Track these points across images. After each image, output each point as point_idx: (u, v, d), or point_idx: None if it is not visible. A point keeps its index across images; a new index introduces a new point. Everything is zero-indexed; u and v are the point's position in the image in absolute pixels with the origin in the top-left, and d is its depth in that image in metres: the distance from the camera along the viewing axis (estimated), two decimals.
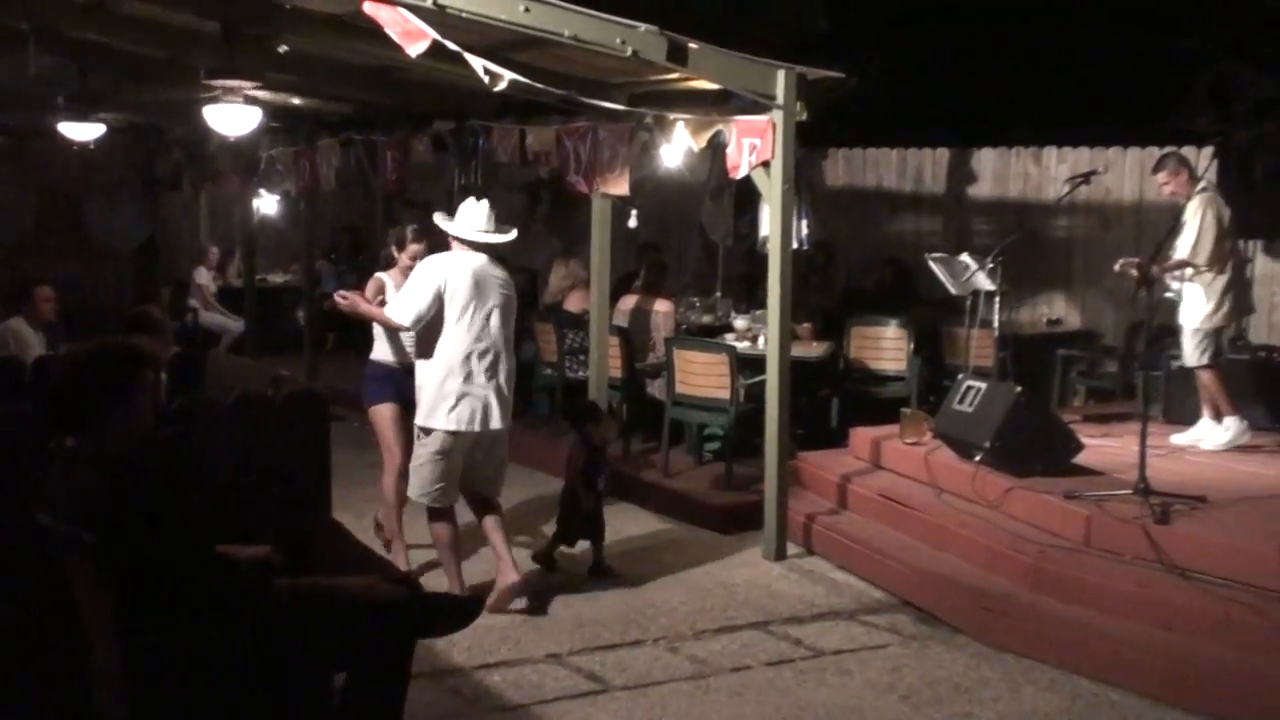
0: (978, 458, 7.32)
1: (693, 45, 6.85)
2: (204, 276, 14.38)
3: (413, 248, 7.01)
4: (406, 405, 6.73)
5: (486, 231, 6.38)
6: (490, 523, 6.55)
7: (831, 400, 9.86)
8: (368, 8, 5.99)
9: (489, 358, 6.30)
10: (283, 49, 8.04)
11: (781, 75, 7.16)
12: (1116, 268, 8.25)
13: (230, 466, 5.03)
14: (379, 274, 7.24)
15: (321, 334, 13.98)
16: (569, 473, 7.19)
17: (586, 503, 7.09)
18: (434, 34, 5.93)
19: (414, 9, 5.98)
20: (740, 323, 9.94)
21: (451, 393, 6.22)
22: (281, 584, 3.86)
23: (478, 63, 6.06)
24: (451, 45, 6.00)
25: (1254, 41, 13.56)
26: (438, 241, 6.77)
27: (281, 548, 4.06)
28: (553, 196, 13.64)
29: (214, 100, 8.26)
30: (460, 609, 4.19)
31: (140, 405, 3.71)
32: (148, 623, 3.52)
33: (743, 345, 9.11)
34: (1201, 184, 8.11)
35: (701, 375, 8.61)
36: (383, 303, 6.87)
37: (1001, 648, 6.04)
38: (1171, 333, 10.30)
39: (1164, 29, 13.65)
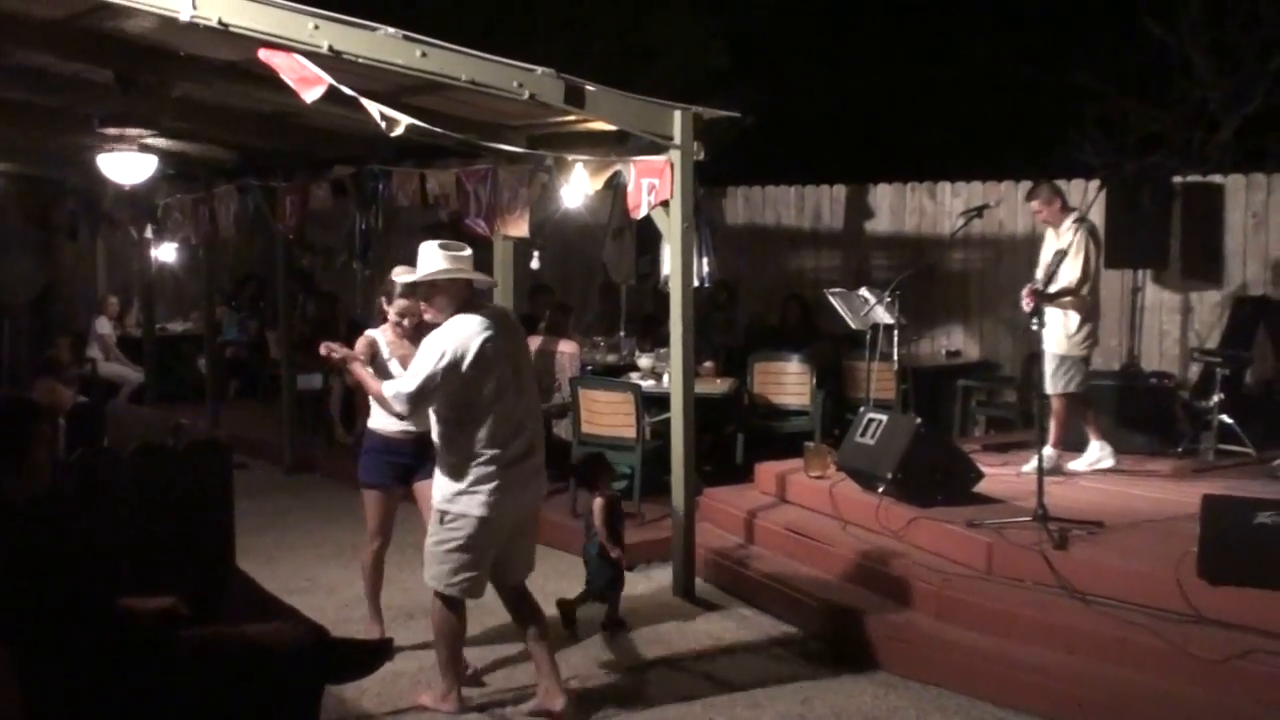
0: (881, 489, 7.43)
1: (590, 88, 6.92)
2: (105, 326, 14.16)
3: (400, 303, 6.13)
4: (405, 481, 6.24)
5: (453, 269, 5.36)
6: (534, 633, 5.62)
7: (737, 436, 9.94)
8: (263, 54, 5.96)
9: (527, 428, 5.46)
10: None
11: (678, 116, 7.24)
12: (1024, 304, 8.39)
13: (132, 517, 4.95)
14: (370, 331, 6.24)
15: (223, 382, 13.82)
16: (591, 528, 7.04)
17: (614, 555, 7.01)
18: (330, 80, 5.92)
19: (310, 55, 5.98)
20: (644, 361, 9.99)
21: (488, 474, 5.31)
22: (186, 634, 3.81)
23: (374, 108, 6.06)
24: (348, 91, 5.99)
25: (1140, 77, 14.03)
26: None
27: (185, 598, 4.00)
28: (454, 239, 13.61)
29: (109, 149, 8.16)
30: (369, 654, 4.15)
31: (37, 457, 3.65)
32: (50, 675, 3.45)
33: (647, 384, 9.17)
34: (1076, 213, 8.33)
35: (607, 414, 8.65)
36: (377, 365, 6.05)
37: (908, 676, 6.11)
38: None
39: (1056, 65, 14.05)
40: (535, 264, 9.26)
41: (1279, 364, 9.82)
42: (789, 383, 10.24)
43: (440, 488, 5.38)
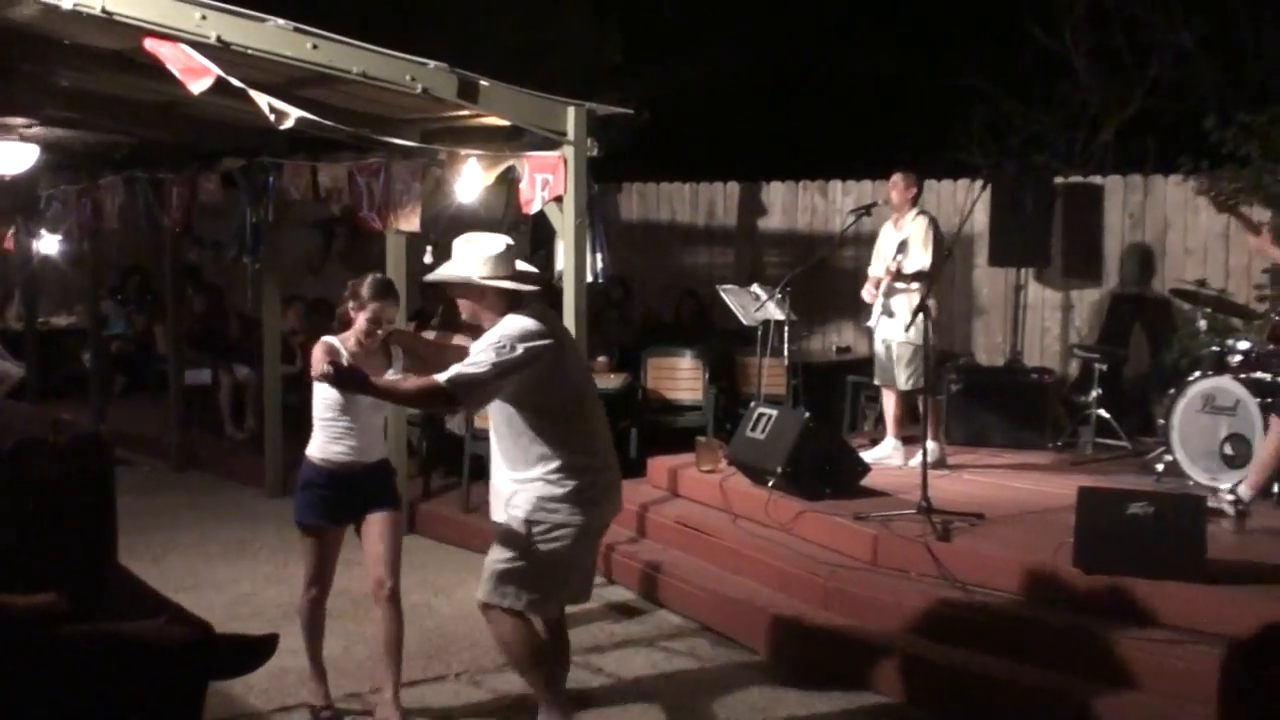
0: (770, 483, 7.53)
1: (484, 83, 6.93)
2: None
3: (373, 308, 5.40)
4: (353, 517, 5.55)
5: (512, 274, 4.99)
6: (564, 664, 5.38)
7: (630, 431, 10.00)
8: (149, 44, 5.88)
9: (605, 434, 5.16)
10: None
11: (571, 111, 7.28)
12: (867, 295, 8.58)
13: (10, 513, 4.86)
14: (329, 338, 5.42)
15: (109, 377, 13.55)
16: None
17: None
18: (218, 71, 5.86)
19: (197, 45, 5.91)
20: None
21: (587, 481, 4.90)
22: (66, 631, 3.75)
23: (263, 100, 6.00)
24: (236, 82, 5.93)
25: (1025, 80, 14.35)
26: None
27: (65, 595, 3.95)
28: (349, 233, 13.53)
29: None
30: (253, 649, 4.12)
31: None
32: None
33: None
34: (920, 207, 8.55)
35: None
36: None
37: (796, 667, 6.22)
38: (953, 357, 10.81)
39: (944, 68, 14.31)
40: (429, 259, 9.20)
41: (1154, 360, 10.13)
42: (682, 378, 10.33)
43: (527, 498, 4.85)
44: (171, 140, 10.10)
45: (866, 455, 8.30)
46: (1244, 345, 7.95)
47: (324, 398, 5.37)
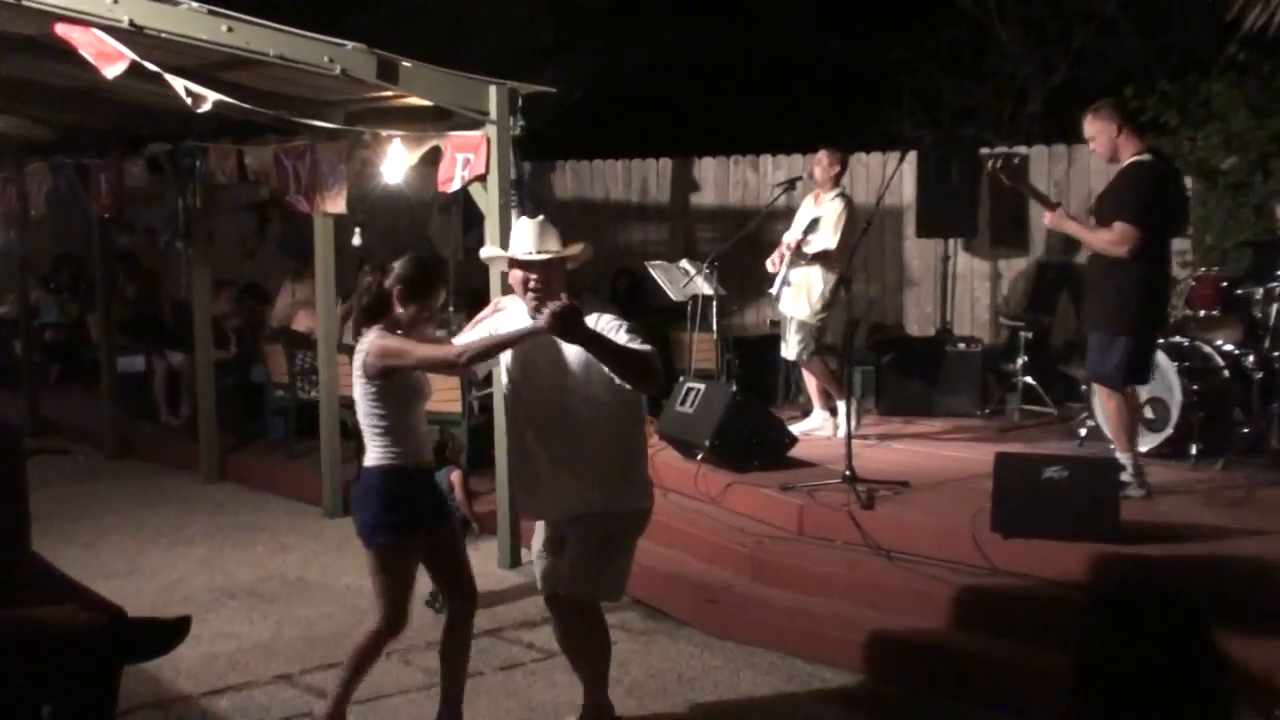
0: (699, 456, 7.61)
1: (404, 63, 6.91)
2: None
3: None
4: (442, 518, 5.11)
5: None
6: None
7: None
8: (60, 29, 5.83)
9: None
10: None
11: (493, 91, 7.28)
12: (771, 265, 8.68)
13: None
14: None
15: (43, 367, 13.42)
16: (452, 502, 6.99)
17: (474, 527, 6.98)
18: (132, 56, 5.83)
19: (111, 30, 5.87)
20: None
21: (646, 464, 4.99)
22: None
23: (179, 84, 5.97)
24: (152, 67, 5.90)
25: (955, 52, 14.49)
26: None
27: None
28: (283, 216, 13.44)
29: None
30: (166, 632, 4.14)
31: None
32: None
33: None
34: (841, 188, 8.64)
35: (435, 389, 8.64)
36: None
37: (724, 637, 6.30)
38: (884, 328, 10.93)
39: (875, 41, 14.42)
40: (357, 240, 9.19)
41: (1080, 327, 10.28)
42: None
43: (615, 485, 4.75)
44: (95, 126, 10.01)
45: (796, 427, 8.40)
46: None
47: (404, 391, 4.86)
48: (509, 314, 4.92)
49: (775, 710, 5.54)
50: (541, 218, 4.86)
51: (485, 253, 5.36)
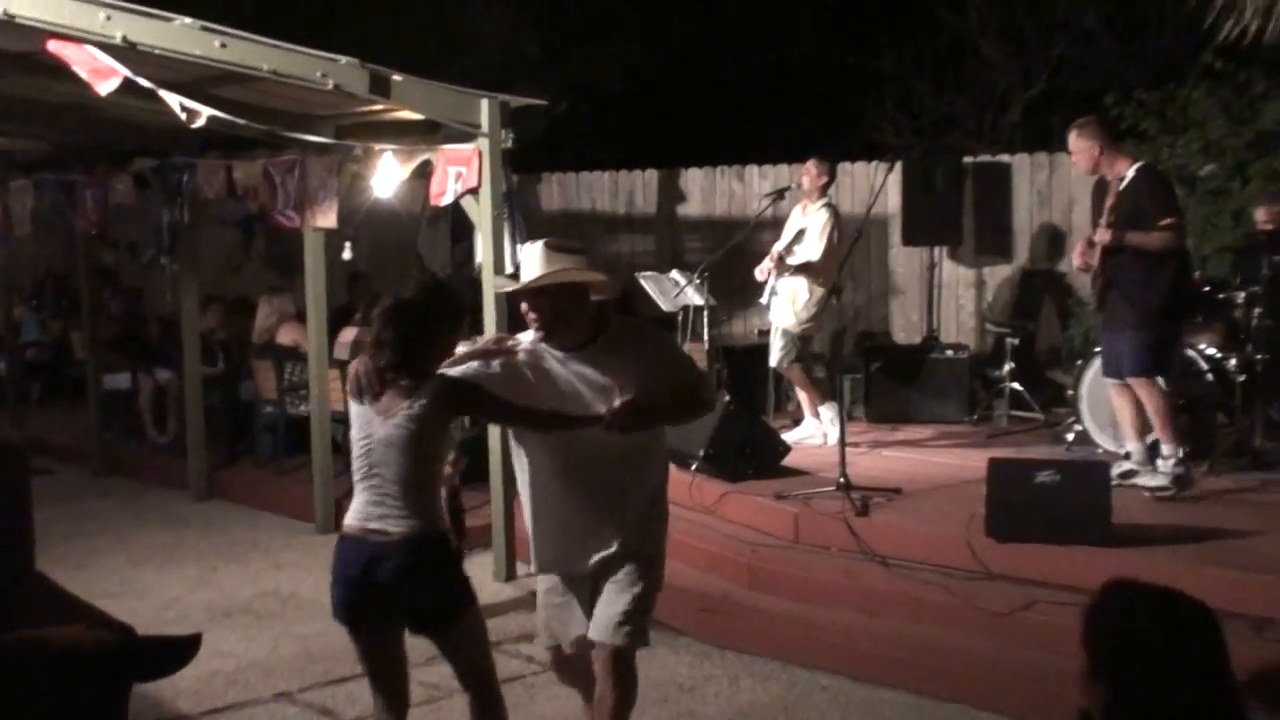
0: (694, 466, 7.63)
1: (396, 77, 6.94)
2: None
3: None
4: None
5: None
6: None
7: None
8: (53, 46, 5.84)
9: None
10: None
11: (485, 104, 7.31)
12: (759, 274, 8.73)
13: None
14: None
15: (25, 385, 13.36)
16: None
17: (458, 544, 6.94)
18: (125, 71, 5.84)
19: (104, 47, 5.88)
20: (461, 348, 9.98)
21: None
22: None
23: (173, 99, 5.99)
24: (145, 83, 5.91)
25: (936, 61, 14.59)
26: None
27: None
28: (268, 231, 13.41)
29: None
30: (175, 650, 4.12)
31: None
32: None
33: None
34: (828, 199, 8.68)
35: None
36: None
37: (723, 646, 6.33)
38: (871, 336, 10.98)
39: (859, 50, 14.51)
40: (347, 254, 9.21)
41: (1065, 333, 10.36)
42: None
43: (652, 521, 4.51)
44: (82, 142, 9.99)
45: (789, 435, 8.43)
46: None
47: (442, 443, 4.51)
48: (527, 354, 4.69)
49: (775, 718, 5.57)
50: (549, 240, 4.51)
51: (495, 285, 5.20)
